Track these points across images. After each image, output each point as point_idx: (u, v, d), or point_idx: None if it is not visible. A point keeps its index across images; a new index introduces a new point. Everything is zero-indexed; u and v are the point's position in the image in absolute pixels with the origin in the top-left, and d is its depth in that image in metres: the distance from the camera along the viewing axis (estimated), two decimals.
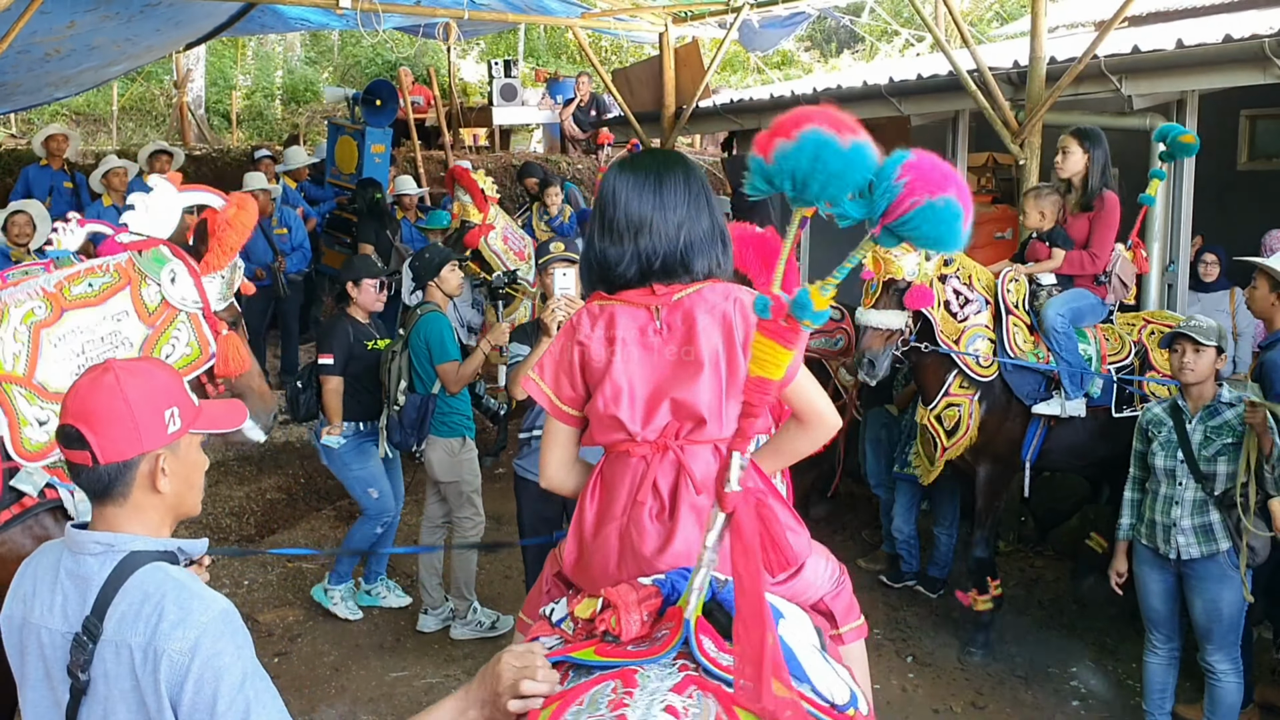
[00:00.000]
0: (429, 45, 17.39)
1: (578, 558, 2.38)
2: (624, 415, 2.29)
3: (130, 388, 2.00)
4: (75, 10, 8.09)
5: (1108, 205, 5.52)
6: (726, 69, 19.87)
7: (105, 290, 3.72)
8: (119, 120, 17.37)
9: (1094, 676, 5.43)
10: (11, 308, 3.53)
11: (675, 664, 1.91)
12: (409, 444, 5.77)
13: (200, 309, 3.89)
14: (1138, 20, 9.90)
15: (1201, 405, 4.48)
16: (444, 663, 5.66)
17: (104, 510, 2.03)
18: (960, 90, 7.08)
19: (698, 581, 1.92)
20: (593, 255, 2.41)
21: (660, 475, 2.29)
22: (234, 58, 20.08)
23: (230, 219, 3.94)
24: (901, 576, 6.43)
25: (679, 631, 1.93)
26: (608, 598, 2.09)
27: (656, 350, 2.31)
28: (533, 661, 1.87)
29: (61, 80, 11.08)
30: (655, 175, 2.37)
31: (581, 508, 2.39)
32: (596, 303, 2.41)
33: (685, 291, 2.32)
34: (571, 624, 2.22)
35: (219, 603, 1.95)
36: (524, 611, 2.66)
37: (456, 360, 5.67)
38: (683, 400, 2.27)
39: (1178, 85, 6.68)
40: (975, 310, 5.40)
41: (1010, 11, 21.05)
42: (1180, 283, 7.18)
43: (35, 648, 2.02)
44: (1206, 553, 4.40)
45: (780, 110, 8.64)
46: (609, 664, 1.93)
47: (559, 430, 2.44)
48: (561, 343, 2.42)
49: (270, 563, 6.94)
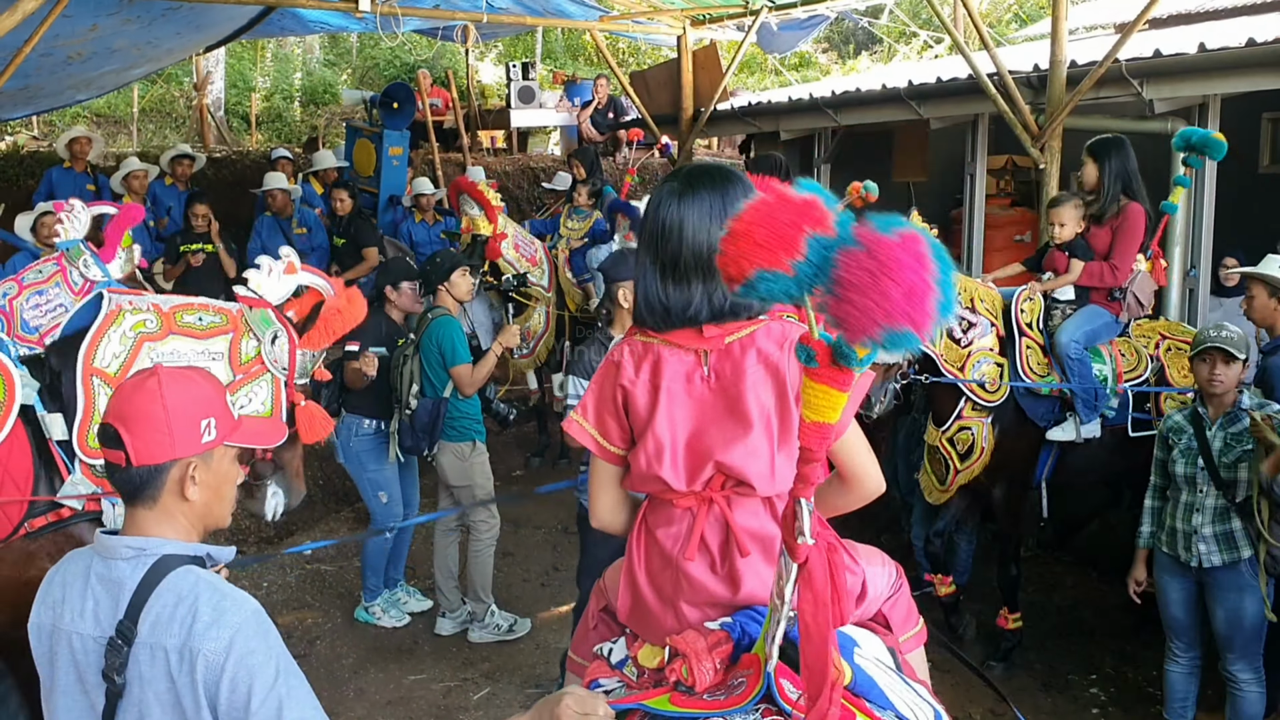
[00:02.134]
0: (447, 48, 17.44)
1: (633, 605, 2.26)
2: (666, 474, 2.15)
3: (170, 394, 2.03)
4: (98, 14, 8.13)
5: (1131, 216, 5.40)
6: (744, 71, 19.84)
7: (211, 329, 3.90)
8: (139, 122, 17.46)
9: (1114, 684, 5.41)
10: (128, 313, 3.69)
11: (759, 710, 1.85)
12: (421, 448, 5.81)
13: (285, 376, 4.03)
14: (1159, 23, 9.87)
15: (1222, 411, 4.45)
16: (462, 666, 5.67)
17: (135, 513, 2.07)
18: (980, 93, 7.06)
19: (776, 633, 1.82)
20: (653, 297, 2.18)
21: (708, 529, 2.17)
22: (253, 60, 20.17)
23: (342, 309, 4.12)
24: (919, 583, 6.39)
25: (758, 680, 1.86)
26: (676, 646, 2.01)
27: (703, 401, 2.15)
28: (596, 710, 1.79)
29: (83, 83, 11.14)
30: (720, 198, 2.15)
31: (630, 554, 2.28)
32: (640, 339, 2.23)
33: (738, 335, 2.14)
34: (635, 670, 2.16)
35: (250, 603, 1.99)
36: (573, 650, 2.59)
37: (469, 363, 5.70)
38: (729, 464, 2.12)
39: (1199, 89, 6.63)
40: (980, 334, 5.31)
41: (1029, 14, 20.97)
42: (1201, 288, 7.14)
43: (66, 654, 2.03)
44: (1228, 560, 4.37)
45: (799, 113, 8.60)
46: (689, 715, 1.88)
47: (607, 471, 2.31)
48: (601, 383, 2.26)
49: (289, 565, 6.97)
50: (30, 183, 11.00)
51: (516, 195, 13.77)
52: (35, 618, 2.10)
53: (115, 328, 3.65)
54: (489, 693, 5.40)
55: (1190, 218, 6.98)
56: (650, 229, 2.21)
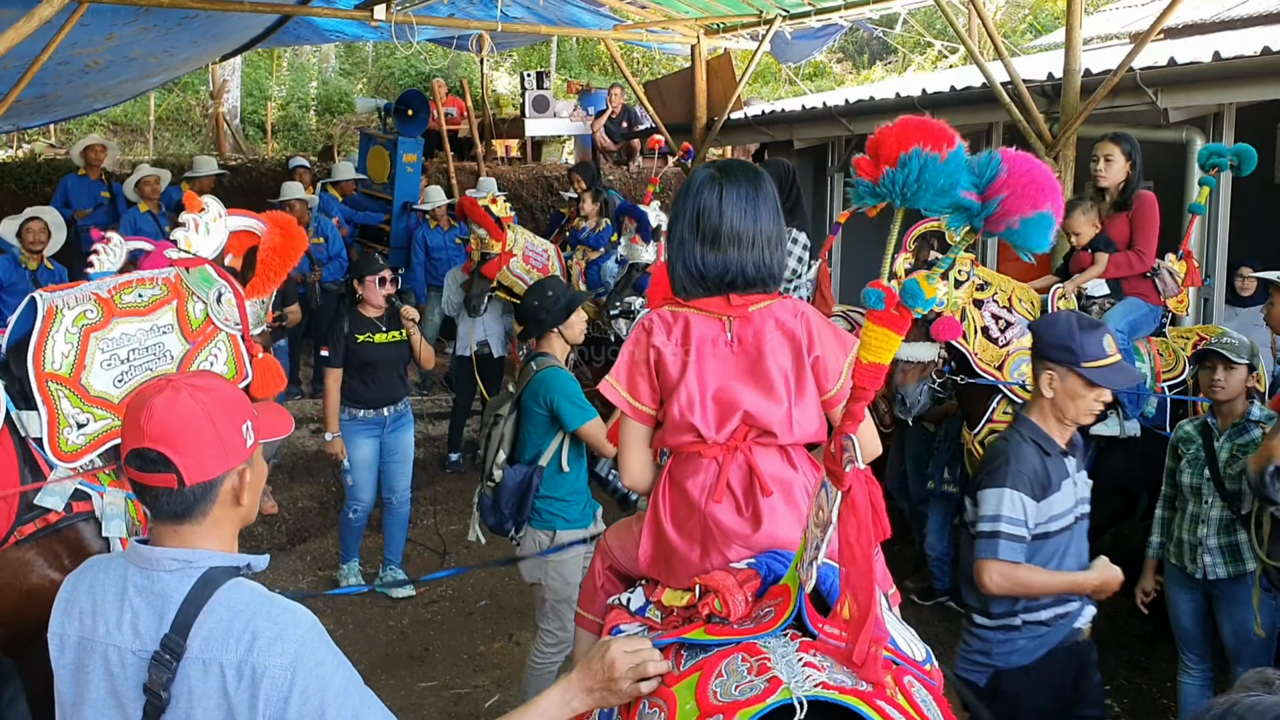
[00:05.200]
0: (462, 57, 17.54)
1: (654, 554, 2.50)
2: (698, 421, 2.41)
3: (209, 405, 1.98)
4: (115, 23, 8.20)
5: (1146, 203, 5.45)
6: (758, 80, 19.88)
7: (154, 302, 3.77)
8: (155, 130, 17.58)
9: (1128, 695, 5.37)
10: (64, 310, 3.57)
11: (787, 635, 2.04)
12: (505, 528, 4.67)
13: (240, 331, 3.94)
14: (1173, 32, 9.85)
15: (1231, 422, 4.43)
16: (473, 673, 5.67)
17: (179, 529, 1.99)
18: (994, 102, 7.05)
19: (816, 557, 2.01)
20: (690, 262, 2.46)
21: (732, 475, 2.40)
22: (269, 69, 20.29)
23: (277, 246, 4.00)
24: (933, 594, 6.37)
25: (788, 607, 2.06)
26: (707, 584, 2.22)
27: (728, 361, 2.42)
28: (646, 645, 2.04)
29: (100, 91, 11.23)
30: (752, 187, 2.46)
31: (655, 507, 2.50)
32: (669, 308, 2.51)
33: (759, 305, 2.44)
34: (658, 611, 2.38)
35: (308, 615, 1.95)
36: (581, 606, 2.88)
37: (597, 415, 4.55)
38: (754, 413, 2.39)
39: (1215, 98, 6.62)
40: (1018, 333, 5.25)
41: (1044, 23, 20.95)
42: (1216, 297, 7.11)
43: (100, 666, 1.98)
44: (1234, 573, 4.33)
45: (812, 122, 8.63)
46: (726, 640, 2.06)
47: (638, 431, 2.56)
48: (633, 348, 2.52)
49: (300, 570, 6.99)
50: (46, 190, 11.09)
51: (530, 204, 13.81)
52: (58, 627, 2.04)
53: (56, 328, 3.51)
54: (500, 700, 5.39)
55: (1205, 227, 6.97)
56: (692, 207, 2.48)
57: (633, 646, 2.02)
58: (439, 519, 7.74)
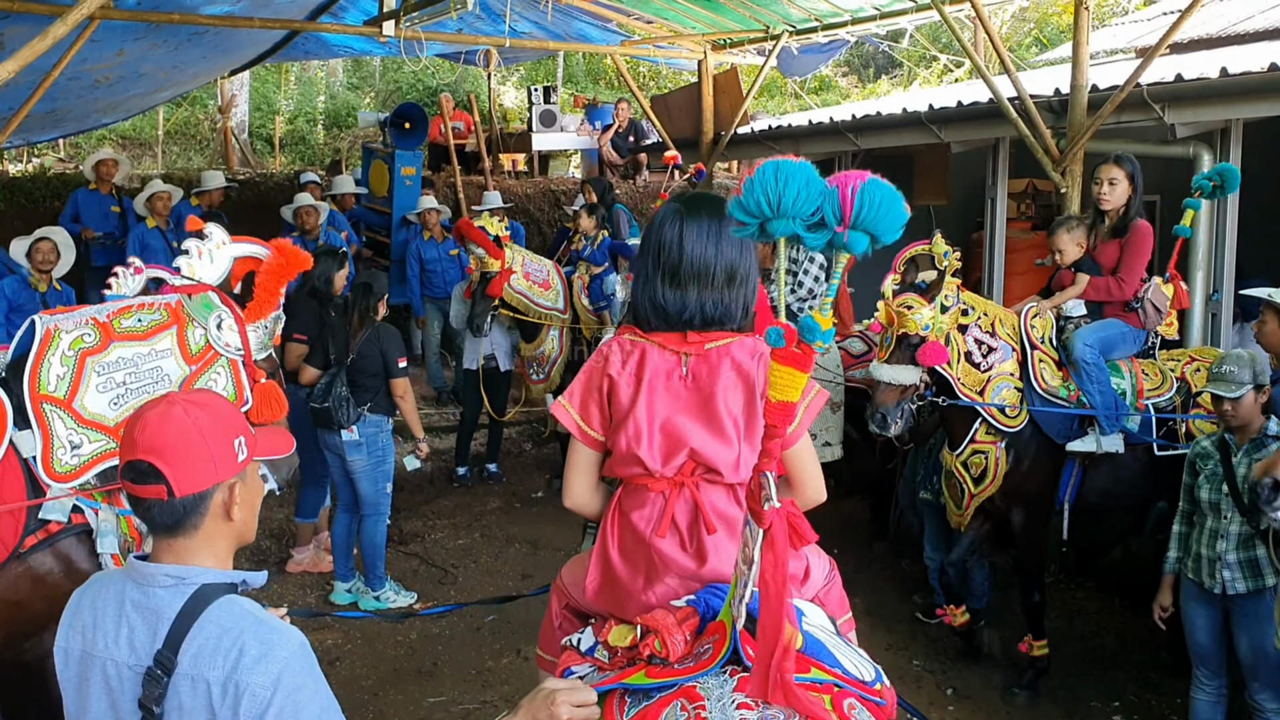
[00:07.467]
0: (470, 72, 17.59)
1: (601, 585, 2.51)
2: (644, 454, 2.42)
3: (200, 419, 2.01)
4: (125, 39, 8.25)
5: (1139, 232, 5.45)
6: (764, 94, 19.89)
7: (153, 327, 3.82)
8: (164, 145, 17.64)
9: (1137, 712, 5.35)
10: (62, 334, 3.63)
11: (726, 671, 2.09)
12: None
13: (241, 356, 3.99)
14: (1180, 48, 9.86)
15: (1248, 438, 4.43)
16: (481, 689, 5.66)
17: (173, 543, 2.03)
18: (1001, 117, 7.06)
19: (745, 595, 2.03)
20: (650, 297, 2.47)
21: (678, 511, 2.43)
22: (277, 83, 20.35)
23: (274, 268, 4.06)
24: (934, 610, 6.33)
25: (724, 643, 2.10)
26: (647, 624, 2.23)
27: (680, 397, 2.43)
28: (588, 698, 2.01)
29: (110, 106, 11.29)
30: (716, 223, 2.45)
31: (604, 536, 2.52)
32: (629, 336, 2.52)
33: (716, 344, 2.44)
34: (606, 652, 2.36)
35: (296, 635, 1.97)
36: (541, 648, 2.82)
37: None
38: (701, 451, 2.41)
39: (1222, 114, 6.62)
40: (1000, 358, 5.29)
41: (1050, 38, 20.97)
42: (1224, 313, 7.10)
43: (100, 680, 2.02)
44: (1253, 588, 4.33)
45: (819, 136, 8.62)
46: (666, 684, 2.10)
47: (585, 454, 2.57)
48: (590, 372, 2.53)
49: (309, 585, 6.98)
50: (56, 204, 11.12)
51: (537, 218, 13.84)
52: (63, 641, 2.08)
53: (53, 351, 3.58)
54: (508, 716, 5.37)
55: (1213, 243, 6.96)
56: (655, 241, 2.50)
57: (576, 698, 2.01)
58: (446, 534, 7.75)
